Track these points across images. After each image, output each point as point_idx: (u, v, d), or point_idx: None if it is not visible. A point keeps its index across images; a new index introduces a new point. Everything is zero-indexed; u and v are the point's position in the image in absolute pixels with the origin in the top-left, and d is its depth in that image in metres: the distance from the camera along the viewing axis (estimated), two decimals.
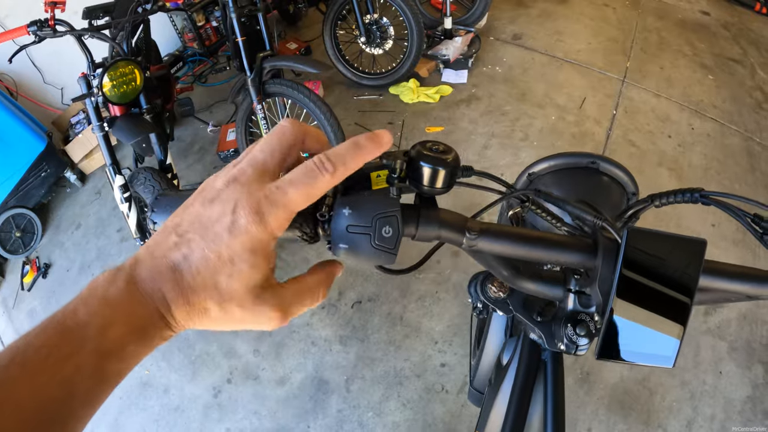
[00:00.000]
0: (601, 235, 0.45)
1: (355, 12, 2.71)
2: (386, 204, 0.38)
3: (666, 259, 0.42)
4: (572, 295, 0.58)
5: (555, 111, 2.78)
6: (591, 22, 3.46)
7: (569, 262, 0.45)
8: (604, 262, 0.43)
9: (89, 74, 1.68)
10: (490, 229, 0.44)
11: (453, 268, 2.12)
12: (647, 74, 3.01)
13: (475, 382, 1.28)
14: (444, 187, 0.42)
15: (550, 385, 0.77)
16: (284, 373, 1.91)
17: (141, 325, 0.30)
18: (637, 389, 1.72)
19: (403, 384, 1.81)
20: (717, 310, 1.91)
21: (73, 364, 0.27)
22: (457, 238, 0.43)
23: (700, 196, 0.50)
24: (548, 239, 0.45)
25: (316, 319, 2.03)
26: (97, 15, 1.73)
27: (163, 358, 2.02)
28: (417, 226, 0.42)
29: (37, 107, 2.80)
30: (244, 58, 1.97)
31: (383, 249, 0.37)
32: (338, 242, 0.38)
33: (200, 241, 0.30)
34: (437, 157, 0.41)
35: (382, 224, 0.37)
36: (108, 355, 0.28)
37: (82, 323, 0.28)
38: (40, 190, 2.64)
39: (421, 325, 1.96)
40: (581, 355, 0.59)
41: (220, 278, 0.30)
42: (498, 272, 0.55)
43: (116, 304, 0.29)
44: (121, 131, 1.71)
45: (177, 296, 0.30)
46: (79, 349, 0.27)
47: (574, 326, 0.57)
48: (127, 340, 0.29)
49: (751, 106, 2.82)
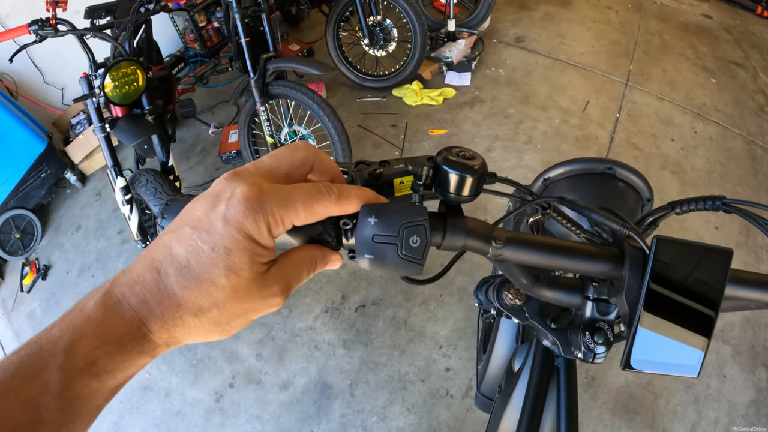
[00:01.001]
0: (628, 244, 0.44)
1: (359, 14, 2.70)
2: (414, 213, 0.36)
3: (692, 270, 0.41)
4: (590, 302, 0.57)
5: (558, 114, 2.77)
6: (594, 25, 3.45)
7: (595, 272, 0.44)
8: (631, 272, 0.42)
9: (91, 74, 1.66)
10: (517, 238, 0.43)
11: (457, 272, 2.10)
12: (650, 77, 3.01)
13: (483, 387, 1.27)
14: (471, 195, 0.41)
15: (563, 393, 0.76)
16: (287, 378, 1.89)
17: (113, 338, 0.27)
18: (641, 393, 1.71)
19: (408, 388, 1.80)
20: (720, 314, 1.91)
21: (39, 383, 0.24)
22: (483, 248, 0.42)
23: (722, 204, 0.50)
24: (575, 248, 0.44)
25: (319, 323, 2.02)
26: (99, 14, 1.72)
27: (164, 362, 2.00)
28: (444, 236, 0.41)
29: (37, 107, 2.78)
30: (247, 60, 1.96)
31: (411, 259, 0.36)
32: (363, 252, 0.36)
33: (192, 233, 0.28)
34: (464, 163, 0.40)
35: (409, 234, 0.36)
36: (76, 373, 0.25)
37: (53, 339, 0.26)
38: (40, 191, 2.62)
39: (426, 329, 1.95)
40: (599, 363, 0.58)
41: (215, 271, 0.27)
42: (518, 280, 0.54)
43: (89, 318, 0.27)
44: (122, 132, 1.69)
45: (153, 301, 0.27)
46: (46, 366, 0.25)
47: (592, 334, 0.56)
48: (97, 355, 0.26)
49: (754, 110, 2.82)
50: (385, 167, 0.43)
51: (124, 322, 0.27)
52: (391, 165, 0.43)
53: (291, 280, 0.33)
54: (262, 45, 2.08)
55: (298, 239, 0.37)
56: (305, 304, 2.08)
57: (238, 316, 0.30)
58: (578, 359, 0.62)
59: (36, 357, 0.25)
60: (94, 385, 0.26)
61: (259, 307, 0.31)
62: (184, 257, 0.28)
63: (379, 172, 0.42)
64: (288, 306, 2.08)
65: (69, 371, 0.25)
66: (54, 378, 0.25)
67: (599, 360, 0.58)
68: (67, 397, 0.25)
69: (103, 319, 0.27)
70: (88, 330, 0.26)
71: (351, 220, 0.37)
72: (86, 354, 0.26)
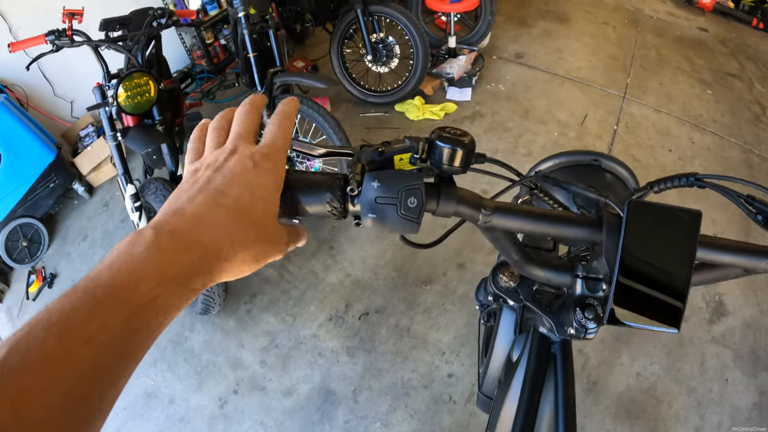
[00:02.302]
0: (605, 210, 0.49)
1: (362, 31, 2.79)
2: (411, 178, 0.41)
3: (666, 230, 0.45)
4: (580, 280, 0.60)
5: (557, 127, 2.83)
6: (591, 41, 3.54)
7: (575, 237, 0.49)
8: (609, 234, 0.46)
9: (104, 84, 1.73)
10: (503, 206, 0.48)
11: (459, 280, 2.13)
12: (647, 90, 3.07)
13: (484, 387, 1.28)
14: (461, 166, 0.45)
15: (560, 378, 0.78)
16: (291, 384, 1.90)
17: (172, 275, 0.30)
18: (643, 398, 1.71)
19: (411, 395, 1.81)
20: (721, 318, 1.92)
21: (107, 315, 0.27)
22: (473, 214, 0.47)
23: (695, 180, 0.54)
24: (557, 215, 0.48)
25: (323, 330, 2.04)
26: (113, 27, 1.79)
27: (169, 369, 2.02)
28: (438, 202, 0.45)
29: (46, 119, 2.85)
30: (255, 74, 2.03)
31: (408, 218, 0.41)
32: (367, 212, 0.41)
33: (235, 187, 0.36)
34: (455, 138, 0.45)
35: (407, 195, 0.41)
36: (141, 308, 0.28)
37: (109, 282, 0.28)
38: (48, 201, 2.67)
39: (428, 336, 1.97)
40: (590, 338, 0.61)
41: (255, 210, 0.36)
42: (510, 256, 0.58)
43: (146, 258, 0.30)
44: (134, 141, 1.75)
45: (210, 238, 0.33)
46: (112, 302, 0.27)
47: (583, 310, 0.59)
48: (158, 291, 0.29)
49: (750, 120, 2.87)
50: (386, 146, 0.48)
51: (181, 259, 0.31)
52: (391, 144, 0.48)
53: (290, 243, 0.42)
54: (269, 60, 2.15)
55: (309, 211, 0.43)
56: (309, 312, 2.11)
57: (265, 256, 0.37)
58: (571, 337, 0.65)
59: (96, 295, 0.27)
60: (153, 320, 0.29)
61: (275, 251, 0.38)
62: (231, 202, 0.35)
63: (381, 150, 0.47)
64: (292, 314, 2.11)
65: (134, 306, 0.28)
66: (120, 311, 0.27)
67: (590, 336, 0.61)
68: (131, 328, 0.28)
69: (161, 257, 0.30)
70: (148, 269, 0.29)
71: (357, 187, 0.42)
72: (149, 291, 0.29)
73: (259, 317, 2.12)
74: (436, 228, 2.43)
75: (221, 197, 0.35)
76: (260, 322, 2.10)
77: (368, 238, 2.35)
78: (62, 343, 0.25)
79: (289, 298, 2.17)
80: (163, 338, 2.08)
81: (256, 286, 2.22)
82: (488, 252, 2.22)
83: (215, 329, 2.10)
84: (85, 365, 0.25)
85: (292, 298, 2.17)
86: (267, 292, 2.20)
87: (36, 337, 0.24)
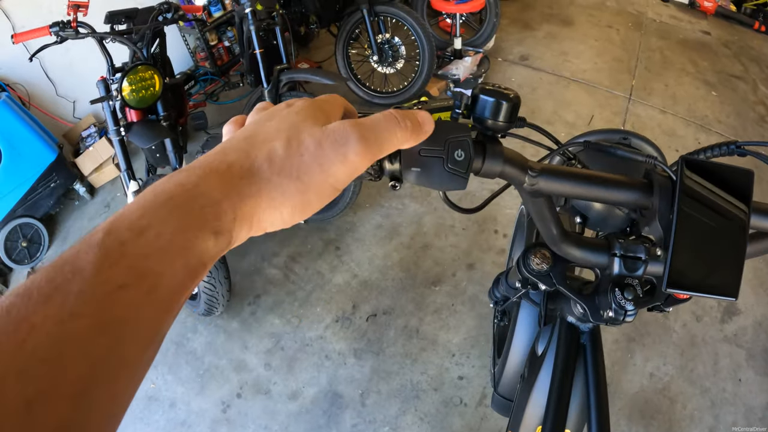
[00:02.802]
0: (655, 173, 0.46)
1: (368, 31, 2.77)
2: (458, 129, 0.38)
3: (717, 190, 0.43)
4: (617, 259, 0.57)
5: (564, 128, 2.81)
6: (596, 43, 3.54)
7: (626, 200, 0.46)
8: (661, 197, 0.44)
9: (109, 78, 1.70)
10: (551, 168, 0.45)
11: (468, 281, 2.09)
12: (652, 92, 3.06)
13: (500, 387, 1.24)
14: (506, 121, 0.42)
15: (590, 368, 0.75)
16: (297, 387, 1.85)
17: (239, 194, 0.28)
18: (657, 399, 1.68)
19: (420, 397, 1.76)
20: (732, 317, 1.91)
21: (210, 215, 0.26)
22: (519, 176, 0.44)
23: (736, 147, 0.53)
24: (606, 178, 0.45)
25: (330, 332, 1.99)
26: (119, 20, 1.77)
27: (170, 371, 1.96)
28: (483, 160, 0.42)
29: (48, 119, 2.81)
30: (261, 70, 2.01)
31: (456, 172, 0.37)
32: (410, 166, 0.38)
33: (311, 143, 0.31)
34: (500, 91, 0.42)
35: (454, 147, 0.37)
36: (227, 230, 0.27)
37: (198, 198, 0.26)
38: (48, 201, 2.63)
39: (438, 337, 1.92)
40: (629, 321, 0.58)
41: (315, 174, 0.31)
42: (549, 231, 0.55)
43: (221, 175, 0.28)
44: (137, 136, 1.71)
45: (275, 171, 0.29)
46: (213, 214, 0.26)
47: (622, 290, 0.56)
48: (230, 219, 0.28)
49: (755, 120, 2.87)
50: (423, 104, 0.44)
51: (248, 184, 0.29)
52: (429, 102, 0.45)
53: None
54: (275, 58, 2.13)
55: None
56: (315, 313, 2.06)
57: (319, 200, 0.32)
58: (608, 322, 0.61)
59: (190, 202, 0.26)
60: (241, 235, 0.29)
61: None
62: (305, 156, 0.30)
63: (419, 107, 0.43)
64: (298, 316, 2.06)
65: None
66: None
67: (629, 318, 0.57)
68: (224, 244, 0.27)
69: (232, 176, 0.28)
70: (225, 190, 0.27)
71: None
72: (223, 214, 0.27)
73: (264, 319, 2.07)
74: (459, 205, 2.41)
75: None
76: (265, 323, 2.06)
77: (375, 238, 2.31)
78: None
79: (294, 300, 2.12)
80: (164, 339, 2.04)
81: (261, 287, 2.18)
82: (498, 251, 2.18)
83: (218, 331, 2.06)
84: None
85: (298, 299, 2.12)
86: (272, 293, 2.16)
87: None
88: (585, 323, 0.76)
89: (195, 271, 0.25)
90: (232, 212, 0.27)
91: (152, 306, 0.23)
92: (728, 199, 0.43)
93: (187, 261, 0.25)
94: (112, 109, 1.70)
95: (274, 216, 0.30)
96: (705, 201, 0.42)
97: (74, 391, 0.19)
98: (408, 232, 2.32)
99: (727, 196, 0.43)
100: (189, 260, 0.25)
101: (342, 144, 0.30)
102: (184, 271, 0.25)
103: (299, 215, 0.31)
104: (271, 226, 0.31)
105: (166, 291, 0.23)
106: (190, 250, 0.25)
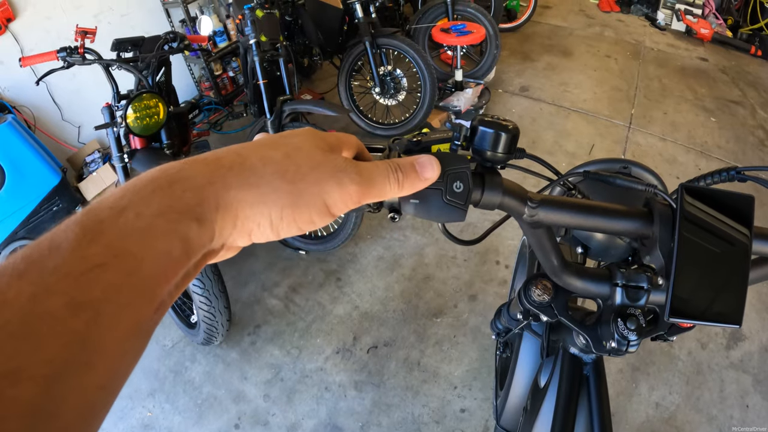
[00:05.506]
0: (655, 201, 0.46)
1: (371, 63, 2.83)
2: (457, 160, 0.38)
3: (719, 216, 0.43)
4: (620, 289, 0.56)
5: (565, 158, 2.83)
6: (595, 73, 3.60)
7: (626, 230, 0.46)
8: (662, 225, 0.44)
9: (114, 105, 1.72)
10: (551, 199, 0.44)
11: (470, 312, 2.07)
12: (652, 120, 3.09)
13: (503, 420, 1.21)
14: (505, 152, 0.42)
15: (594, 400, 0.73)
16: (296, 420, 1.81)
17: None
18: (664, 429, 1.64)
19: (422, 431, 1.71)
20: (738, 343, 1.88)
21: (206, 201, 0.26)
22: (518, 207, 0.43)
23: (736, 173, 0.53)
24: (606, 208, 0.45)
25: (330, 364, 1.96)
26: (125, 47, 1.81)
27: (167, 400, 1.92)
28: (482, 192, 0.42)
29: (53, 142, 2.84)
30: (265, 101, 2.05)
31: (454, 204, 0.38)
32: (409, 197, 0.38)
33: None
34: (499, 123, 0.42)
35: (453, 179, 0.37)
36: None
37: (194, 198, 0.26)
38: (50, 224, 2.59)
39: (440, 369, 1.88)
40: (633, 351, 0.56)
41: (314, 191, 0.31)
42: (549, 262, 0.54)
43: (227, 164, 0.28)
44: (141, 163, 1.73)
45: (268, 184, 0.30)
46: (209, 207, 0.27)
47: (625, 320, 0.55)
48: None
49: (755, 144, 2.89)
50: (423, 136, 0.45)
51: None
52: (427, 134, 0.45)
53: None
54: (278, 89, 2.18)
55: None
56: (316, 345, 2.03)
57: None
58: (610, 352, 0.60)
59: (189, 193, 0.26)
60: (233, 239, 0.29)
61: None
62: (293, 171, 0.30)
63: (418, 139, 0.44)
64: (298, 347, 2.03)
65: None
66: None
67: (632, 348, 0.56)
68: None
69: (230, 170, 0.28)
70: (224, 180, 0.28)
71: None
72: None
73: (264, 349, 2.04)
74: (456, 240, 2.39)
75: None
76: (264, 354, 2.02)
77: (376, 269, 2.30)
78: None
79: (294, 330, 2.09)
80: (162, 368, 2.00)
81: (261, 317, 2.16)
82: (500, 283, 2.16)
83: (217, 360, 2.02)
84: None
85: (298, 330, 2.09)
86: (272, 323, 2.13)
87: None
88: (588, 354, 0.75)
89: (178, 261, 0.24)
90: (214, 200, 0.26)
91: (132, 291, 0.22)
92: (730, 225, 0.42)
93: (169, 247, 0.24)
94: (117, 135, 1.72)
95: (261, 216, 0.28)
96: (706, 228, 0.42)
97: (45, 373, 0.18)
98: (409, 263, 2.31)
99: (729, 222, 0.42)
100: (171, 247, 0.24)
101: (340, 170, 0.30)
102: (167, 259, 0.24)
103: (288, 224, 0.30)
104: (258, 230, 0.29)
105: (146, 277, 0.22)
106: (170, 235, 0.24)
